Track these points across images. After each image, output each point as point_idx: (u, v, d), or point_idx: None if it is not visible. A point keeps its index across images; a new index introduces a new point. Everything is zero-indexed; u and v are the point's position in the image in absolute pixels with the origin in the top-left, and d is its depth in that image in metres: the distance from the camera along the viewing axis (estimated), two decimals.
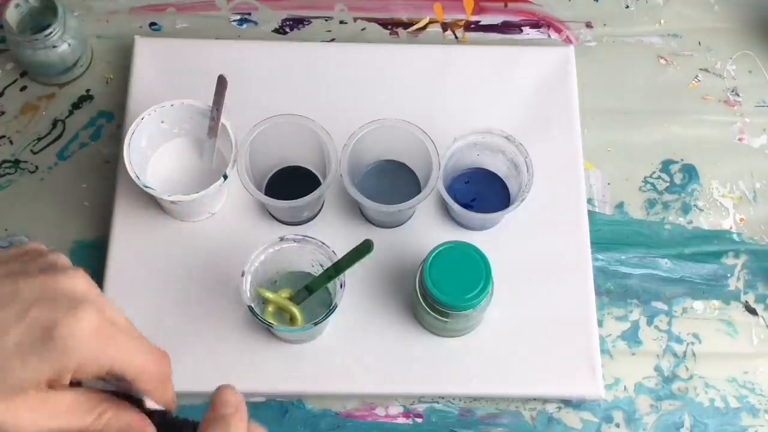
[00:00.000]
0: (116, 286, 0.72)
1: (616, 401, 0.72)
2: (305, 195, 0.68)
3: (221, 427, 0.45)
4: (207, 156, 0.73)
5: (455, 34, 0.85)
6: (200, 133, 0.74)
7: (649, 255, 0.77)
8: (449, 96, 0.80)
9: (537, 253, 0.74)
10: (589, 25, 0.86)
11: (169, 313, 0.71)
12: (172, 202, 0.70)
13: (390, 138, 0.72)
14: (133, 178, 0.68)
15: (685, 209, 0.78)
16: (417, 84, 0.80)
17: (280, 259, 0.68)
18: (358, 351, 0.71)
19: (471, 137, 0.72)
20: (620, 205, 0.78)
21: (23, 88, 0.81)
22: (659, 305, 0.75)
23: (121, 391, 0.43)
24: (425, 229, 0.75)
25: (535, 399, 0.71)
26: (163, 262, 0.73)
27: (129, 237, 0.74)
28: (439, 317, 0.66)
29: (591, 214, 0.77)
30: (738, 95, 0.83)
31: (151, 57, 0.80)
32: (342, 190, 0.72)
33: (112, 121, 0.80)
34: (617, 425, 0.71)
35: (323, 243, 0.67)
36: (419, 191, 0.70)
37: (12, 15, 0.76)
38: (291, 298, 0.68)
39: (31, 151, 0.79)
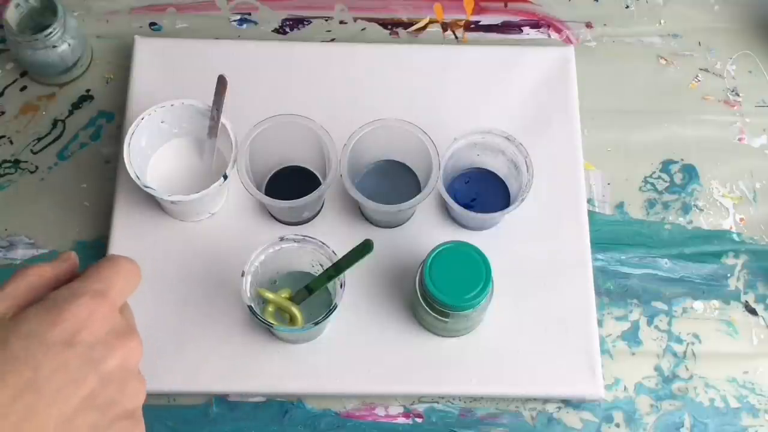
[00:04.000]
0: None
1: (616, 401, 0.72)
2: (305, 195, 0.68)
3: None
4: (207, 156, 0.73)
5: (455, 34, 0.85)
6: (200, 133, 0.74)
7: (649, 255, 0.77)
8: (449, 96, 0.80)
9: (537, 253, 0.74)
10: (589, 25, 0.86)
11: (169, 313, 0.71)
12: (172, 202, 0.70)
13: (390, 138, 0.72)
14: (133, 178, 0.68)
15: (685, 209, 0.78)
16: (417, 84, 0.80)
17: (280, 259, 0.68)
18: (358, 351, 0.71)
19: (471, 137, 0.72)
20: (620, 205, 0.78)
21: (23, 88, 0.81)
22: (659, 305, 0.75)
23: None
24: (425, 229, 0.75)
25: (535, 399, 0.71)
26: (163, 262, 0.73)
27: (129, 237, 0.74)
28: (439, 317, 0.66)
29: (591, 214, 0.77)
30: (738, 95, 0.83)
31: (151, 57, 0.80)
32: (342, 190, 0.72)
33: (112, 121, 0.80)
34: (617, 425, 0.71)
35: (323, 243, 0.67)
36: (419, 191, 0.70)
37: (12, 15, 0.76)
38: (291, 298, 0.68)
39: (31, 151, 0.79)
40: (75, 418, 0.41)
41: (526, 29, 0.85)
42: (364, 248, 0.64)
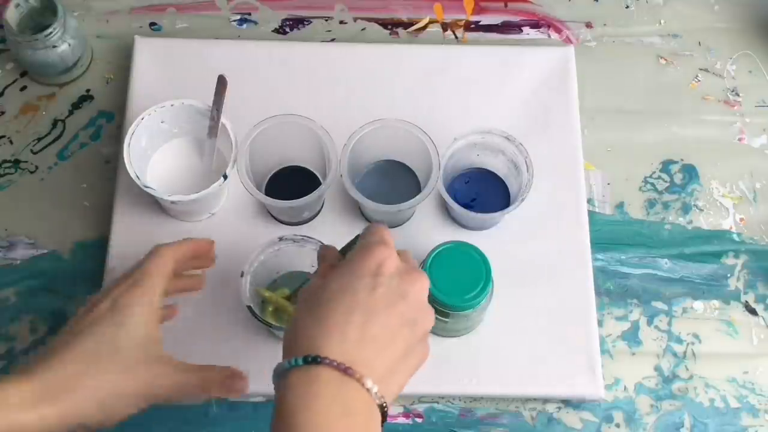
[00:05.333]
0: None
1: (616, 401, 0.72)
2: (305, 195, 0.68)
3: None
4: (207, 156, 0.73)
5: (455, 34, 0.85)
6: (200, 133, 0.74)
7: (649, 255, 0.77)
8: (449, 96, 0.80)
9: (537, 253, 0.74)
10: (589, 25, 0.86)
11: None
12: (172, 202, 0.70)
13: (390, 138, 0.72)
14: (133, 178, 0.68)
15: (685, 209, 0.78)
16: (417, 84, 0.80)
17: (280, 259, 0.68)
18: None
19: (471, 137, 0.72)
20: (620, 205, 0.78)
21: (23, 88, 0.81)
22: (659, 305, 0.75)
23: None
24: (425, 229, 0.75)
25: (535, 399, 0.71)
26: None
27: (129, 237, 0.73)
28: (439, 317, 0.66)
29: (591, 214, 0.77)
30: (738, 95, 0.83)
31: (151, 57, 0.80)
32: (342, 190, 0.72)
33: (112, 121, 0.80)
34: (617, 425, 0.71)
35: (323, 243, 0.67)
36: (419, 191, 0.70)
37: (12, 15, 0.77)
38: (289, 298, 0.68)
39: (31, 151, 0.79)
40: (396, 331, 0.50)
41: (526, 29, 0.85)
42: None
